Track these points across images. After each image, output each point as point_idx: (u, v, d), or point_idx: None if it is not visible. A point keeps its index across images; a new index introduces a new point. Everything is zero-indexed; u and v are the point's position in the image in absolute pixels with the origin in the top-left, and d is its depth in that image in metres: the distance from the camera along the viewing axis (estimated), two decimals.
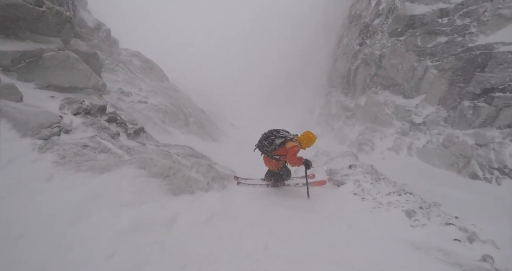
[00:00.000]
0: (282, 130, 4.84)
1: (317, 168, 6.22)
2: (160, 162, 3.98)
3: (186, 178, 4.12)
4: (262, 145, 4.77)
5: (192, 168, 4.56)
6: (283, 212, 3.91)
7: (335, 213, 3.91)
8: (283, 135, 4.70)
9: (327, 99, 28.54)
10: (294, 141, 4.61)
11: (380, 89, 18.25)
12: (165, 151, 4.48)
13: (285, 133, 4.75)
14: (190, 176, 4.23)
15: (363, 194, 4.54)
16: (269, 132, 4.89)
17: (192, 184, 4.13)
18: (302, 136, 4.80)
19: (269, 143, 4.68)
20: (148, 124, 10.27)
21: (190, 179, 4.18)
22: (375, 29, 21.99)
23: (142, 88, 15.76)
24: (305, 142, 4.72)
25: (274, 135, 4.73)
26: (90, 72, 7.22)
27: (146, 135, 6.67)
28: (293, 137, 4.74)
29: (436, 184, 10.21)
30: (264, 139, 4.85)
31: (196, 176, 4.41)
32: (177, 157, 4.59)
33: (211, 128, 19.75)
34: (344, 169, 5.26)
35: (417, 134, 13.54)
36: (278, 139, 4.64)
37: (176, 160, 4.39)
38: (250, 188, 5.32)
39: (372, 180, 5.01)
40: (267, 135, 4.83)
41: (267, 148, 4.68)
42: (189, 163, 4.61)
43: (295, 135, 4.93)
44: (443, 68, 13.21)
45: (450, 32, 14.27)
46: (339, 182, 4.99)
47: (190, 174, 4.32)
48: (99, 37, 19.26)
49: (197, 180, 4.30)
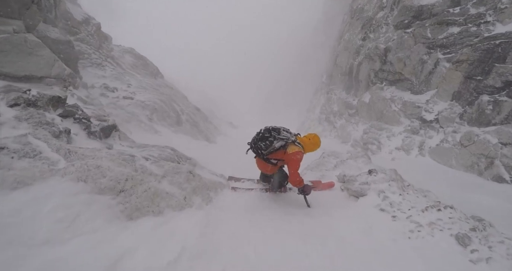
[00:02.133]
0: (282, 130, 3.86)
1: (326, 173, 5.10)
2: (112, 171, 2.85)
3: (151, 193, 2.99)
4: (257, 147, 3.82)
5: (164, 178, 3.42)
6: (289, 242, 2.76)
7: (363, 242, 2.78)
8: (284, 136, 3.76)
9: (328, 96, 27.42)
10: (297, 145, 3.76)
11: (386, 84, 17.12)
12: (126, 155, 3.34)
13: (286, 135, 3.80)
14: (158, 190, 3.09)
15: (393, 210, 3.42)
16: (266, 131, 3.83)
17: (160, 201, 3.00)
18: (306, 138, 3.99)
19: (266, 146, 3.73)
20: (132, 121, 9.16)
21: (158, 193, 3.05)
22: (379, 23, 20.87)
23: (131, 84, 14.64)
24: (310, 146, 3.95)
25: (274, 136, 3.74)
26: (54, 59, 6.08)
27: (119, 134, 5.54)
28: (296, 140, 3.84)
29: (453, 188, 9.13)
30: (260, 139, 3.82)
31: (169, 189, 3.28)
32: (144, 163, 3.45)
33: (206, 127, 18.61)
34: (363, 175, 4.14)
35: (429, 132, 12.42)
36: (277, 142, 3.72)
37: (140, 167, 3.25)
38: (245, 196, 4.22)
39: (399, 190, 3.88)
40: (264, 135, 3.80)
41: (262, 150, 3.76)
42: (160, 171, 3.48)
43: (296, 135, 4.02)
44: (458, 60, 12.07)
45: (463, 22, 13.15)
46: (358, 193, 3.87)
47: (159, 186, 3.19)
48: (87, 31, 18.17)
49: (168, 195, 3.17)
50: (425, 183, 6.27)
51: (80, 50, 15.01)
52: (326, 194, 4.25)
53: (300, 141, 3.88)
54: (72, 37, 15.85)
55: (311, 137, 3.98)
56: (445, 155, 10.65)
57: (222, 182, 4.67)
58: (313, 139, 3.95)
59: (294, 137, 3.86)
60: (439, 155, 10.95)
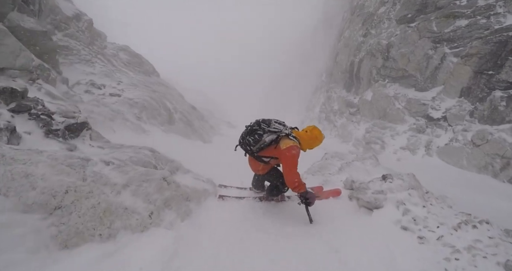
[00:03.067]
0: (274, 122, 3.25)
1: (330, 178, 4.36)
2: (47, 180, 2.12)
3: (101, 209, 2.26)
4: (244, 142, 3.24)
5: (126, 188, 2.68)
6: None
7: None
8: (275, 129, 3.15)
9: (327, 95, 26.71)
10: (291, 139, 3.09)
11: (389, 81, 16.41)
12: (76, 159, 2.60)
13: (279, 127, 3.19)
14: (112, 204, 2.36)
15: (418, 228, 2.70)
16: (256, 123, 3.23)
17: (113, 221, 2.28)
18: (304, 132, 3.28)
19: (255, 140, 3.13)
20: (116, 120, 8.41)
21: (112, 210, 2.32)
22: (380, 18, 20.19)
23: (122, 82, 13.90)
24: (308, 141, 3.23)
25: (263, 128, 3.15)
26: (20, 49, 5.34)
27: (91, 133, 4.82)
28: (290, 133, 3.18)
29: (465, 190, 8.43)
30: (248, 133, 3.23)
31: (130, 203, 2.55)
32: (101, 169, 2.71)
33: (202, 127, 17.86)
34: (376, 182, 3.40)
35: (436, 130, 11.70)
36: (268, 135, 3.11)
37: (91, 175, 2.51)
38: (233, 208, 3.49)
39: (421, 200, 3.16)
40: (252, 129, 3.21)
41: (251, 146, 3.17)
42: (122, 179, 2.74)
43: (293, 128, 3.37)
44: (467, 54, 11.36)
45: (471, 14, 12.43)
46: (372, 205, 3.13)
47: (115, 199, 2.45)
48: (78, 27, 17.45)
49: (127, 211, 2.44)
50: (435, 186, 5.56)
51: (68, 46, 14.30)
52: (331, 205, 3.51)
53: (296, 135, 3.21)
54: (60, 32, 15.16)
55: (309, 129, 3.25)
56: (455, 155, 9.94)
57: (208, 189, 3.93)
58: (312, 132, 3.22)
59: (289, 130, 3.20)
60: (448, 155, 10.23)
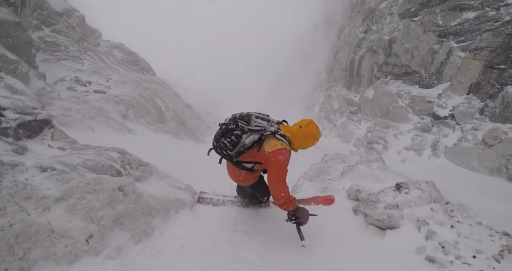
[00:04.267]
0: (255, 117, 2.39)
1: (331, 185, 3.68)
2: None
3: (14, 234, 1.64)
4: (219, 146, 2.45)
5: (61, 202, 2.03)
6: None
7: None
8: (257, 126, 2.35)
9: (327, 93, 26.04)
10: (279, 139, 2.35)
11: (391, 78, 15.72)
12: None
13: (262, 123, 2.37)
14: (32, 226, 1.72)
15: (448, 259, 2.02)
16: (232, 120, 2.43)
17: (31, 248, 1.64)
18: (297, 127, 2.45)
19: (232, 143, 2.37)
20: (97, 118, 7.77)
21: (31, 234, 1.68)
22: (382, 13, 19.55)
23: (111, 79, 13.26)
24: (302, 139, 2.43)
25: (241, 128, 2.37)
26: None
27: (54, 132, 4.16)
28: (277, 130, 2.41)
29: (477, 193, 7.76)
30: (222, 134, 2.44)
31: (60, 223, 1.89)
32: (25, 178, 2.05)
33: (196, 126, 17.21)
34: (388, 192, 2.72)
35: (443, 129, 11.00)
36: (248, 136, 2.37)
37: (9, 186, 1.86)
38: (209, 220, 2.84)
39: (447, 218, 2.48)
40: (228, 128, 2.41)
41: (228, 150, 2.41)
42: (55, 190, 2.08)
43: (281, 123, 2.59)
44: (476, 48, 10.66)
45: (479, 6, 11.75)
46: (385, 224, 2.45)
47: (39, 219, 1.80)
48: (68, 23, 16.85)
49: (54, 235, 1.78)
50: (447, 191, 4.88)
51: (55, 42, 13.68)
52: (331, 219, 2.83)
53: (287, 131, 2.44)
54: (48, 28, 14.54)
55: (305, 124, 2.46)
56: (465, 156, 9.23)
57: (183, 199, 3.27)
58: (308, 128, 2.43)
59: (276, 127, 2.43)
60: (457, 156, 9.54)
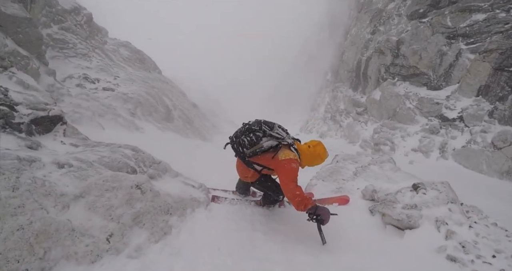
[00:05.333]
0: (278, 126, 2.72)
1: (345, 185, 3.66)
2: None
3: (34, 233, 1.61)
4: (237, 142, 2.70)
5: (80, 199, 2.02)
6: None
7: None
8: (278, 134, 2.63)
9: (333, 94, 25.94)
10: (292, 151, 2.64)
11: (399, 80, 15.62)
12: (10, 160, 1.94)
13: (282, 133, 2.67)
14: (52, 225, 1.70)
15: (469, 258, 2.00)
16: (256, 123, 2.67)
17: (51, 247, 1.62)
18: (306, 147, 2.74)
19: (251, 142, 2.59)
20: (107, 115, 7.79)
21: (51, 232, 1.67)
22: (389, 14, 19.45)
23: (119, 77, 13.30)
24: (309, 158, 2.70)
25: (264, 131, 2.61)
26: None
27: (66, 129, 4.17)
28: (293, 143, 2.72)
29: (485, 196, 7.70)
30: (244, 132, 2.68)
31: (80, 221, 1.88)
32: (43, 174, 2.05)
33: (203, 125, 17.24)
34: (405, 192, 2.70)
35: (452, 132, 10.92)
36: (267, 140, 2.60)
37: (27, 183, 1.84)
38: (225, 221, 2.85)
39: (465, 218, 2.45)
40: (250, 128, 2.66)
41: (244, 148, 2.65)
42: (73, 188, 2.08)
43: (296, 140, 2.87)
44: (485, 50, 10.57)
45: (489, 7, 11.64)
46: (403, 224, 2.43)
47: (59, 217, 1.79)
48: (75, 21, 16.95)
49: (75, 233, 1.78)
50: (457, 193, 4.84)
51: (63, 39, 13.74)
52: (347, 220, 2.80)
53: (298, 148, 2.72)
54: (56, 25, 14.62)
55: (313, 144, 2.71)
56: (474, 158, 9.16)
57: (198, 197, 3.26)
58: (315, 149, 2.66)
59: (292, 140, 2.71)
60: (466, 159, 9.46)
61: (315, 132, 25.41)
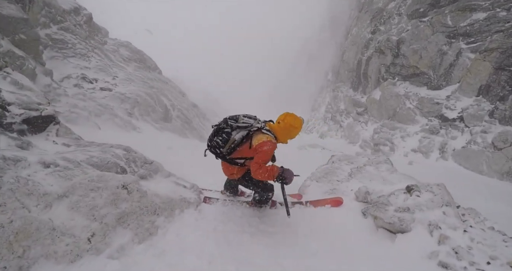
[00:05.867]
0: (243, 116, 2.75)
1: (339, 186, 3.61)
2: None
3: (13, 231, 1.61)
4: (213, 145, 2.72)
5: (61, 200, 1.99)
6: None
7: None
8: (245, 123, 2.66)
9: (334, 94, 25.87)
10: (265, 133, 2.65)
11: (399, 80, 15.55)
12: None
13: (248, 121, 2.70)
14: (33, 224, 1.68)
15: (462, 264, 1.94)
16: (222, 122, 2.75)
17: (31, 246, 1.61)
18: (276, 124, 2.74)
19: (224, 140, 2.64)
20: (103, 115, 7.75)
21: (31, 231, 1.65)
22: (390, 14, 19.36)
23: (117, 76, 13.30)
24: (284, 132, 2.71)
25: (230, 125, 2.68)
26: None
27: (59, 128, 4.14)
28: (264, 126, 2.73)
29: (485, 197, 7.63)
30: (215, 134, 2.75)
31: (62, 220, 1.85)
32: (28, 173, 2.02)
33: (202, 125, 17.21)
34: (399, 195, 2.64)
35: (452, 132, 10.83)
36: (237, 133, 2.65)
37: (10, 182, 1.83)
38: (213, 222, 2.81)
39: (460, 222, 2.39)
40: (219, 128, 2.73)
41: (220, 148, 2.67)
42: (57, 187, 2.05)
43: (267, 122, 2.87)
44: (486, 49, 10.48)
45: (489, 6, 11.56)
46: (395, 227, 2.37)
47: (40, 216, 1.77)
48: (75, 21, 16.97)
49: (55, 232, 1.75)
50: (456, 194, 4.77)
51: (62, 39, 13.74)
52: (339, 221, 2.77)
53: (270, 128, 2.74)
54: (56, 25, 14.63)
55: (281, 118, 2.70)
56: (474, 159, 9.07)
57: (188, 198, 3.22)
58: (285, 121, 2.65)
59: (262, 124, 2.74)
60: (465, 159, 9.37)
61: (316, 132, 25.35)
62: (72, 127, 5.76)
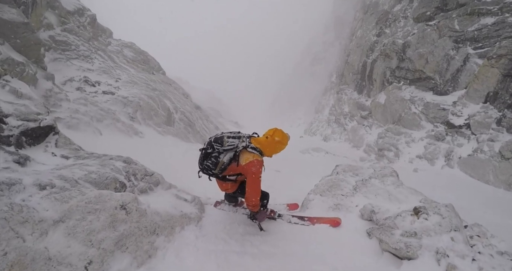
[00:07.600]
0: (227, 137, 2.88)
1: (343, 201, 3.51)
2: None
3: (8, 264, 1.54)
4: (204, 167, 2.93)
5: (58, 225, 1.92)
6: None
7: None
8: (229, 146, 2.81)
9: (338, 96, 25.69)
10: (251, 152, 2.80)
11: (404, 84, 15.37)
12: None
13: (233, 142, 2.85)
14: (28, 254, 1.62)
15: None
16: (208, 145, 2.90)
17: None
18: (264, 138, 2.91)
19: (214, 164, 2.83)
20: (105, 120, 7.70)
21: (27, 263, 1.59)
22: (396, 16, 19.18)
23: (121, 79, 13.28)
24: (270, 147, 2.89)
25: (217, 149, 2.83)
26: None
27: (58, 139, 4.08)
28: (249, 144, 2.85)
29: (492, 208, 7.45)
30: (204, 158, 2.92)
31: (58, 248, 1.79)
32: (22, 198, 1.96)
33: (205, 127, 17.16)
34: (405, 217, 2.55)
35: (458, 139, 10.66)
36: (225, 155, 2.81)
37: (4, 210, 1.76)
38: (214, 240, 2.75)
39: (469, 250, 2.29)
40: (207, 152, 2.89)
41: (212, 170, 2.88)
42: (53, 212, 1.98)
43: (251, 136, 3.03)
44: (494, 55, 10.29)
45: (498, 11, 11.37)
46: (401, 253, 2.28)
47: (36, 245, 1.71)
48: (79, 22, 17.01)
49: (51, 262, 1.69)
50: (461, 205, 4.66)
51: (66, 41, 13.74)
52: (344, 242, 2.68)
53: (257, 143, 2.88)
54: (59, 27, 14.66)
55: (269, 134, 2.89)
56: (480, 168, 8.90)
57: (189, 213, 3.16)
58: (272, 137, 2.86)
59: (246, 141, 2.87)
60: (472, 168, 9.20)
61: (319, 135, 25.21)
62: (73, 133, 5.72)
